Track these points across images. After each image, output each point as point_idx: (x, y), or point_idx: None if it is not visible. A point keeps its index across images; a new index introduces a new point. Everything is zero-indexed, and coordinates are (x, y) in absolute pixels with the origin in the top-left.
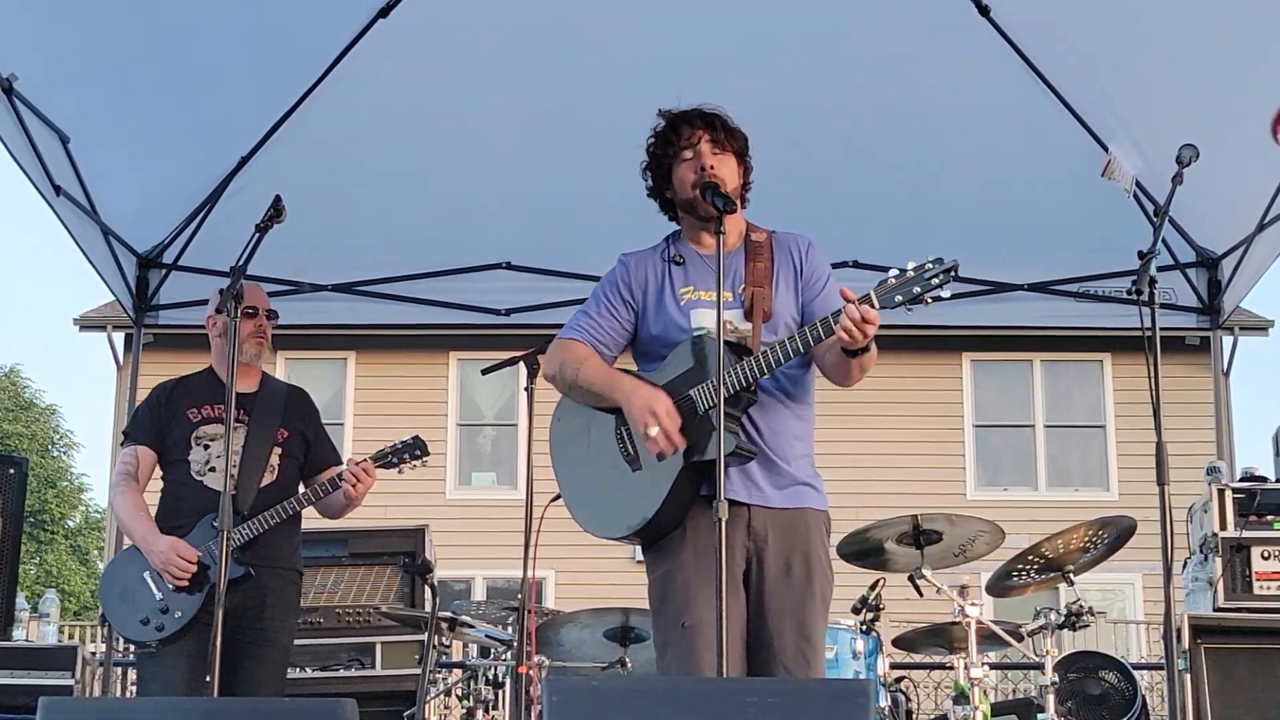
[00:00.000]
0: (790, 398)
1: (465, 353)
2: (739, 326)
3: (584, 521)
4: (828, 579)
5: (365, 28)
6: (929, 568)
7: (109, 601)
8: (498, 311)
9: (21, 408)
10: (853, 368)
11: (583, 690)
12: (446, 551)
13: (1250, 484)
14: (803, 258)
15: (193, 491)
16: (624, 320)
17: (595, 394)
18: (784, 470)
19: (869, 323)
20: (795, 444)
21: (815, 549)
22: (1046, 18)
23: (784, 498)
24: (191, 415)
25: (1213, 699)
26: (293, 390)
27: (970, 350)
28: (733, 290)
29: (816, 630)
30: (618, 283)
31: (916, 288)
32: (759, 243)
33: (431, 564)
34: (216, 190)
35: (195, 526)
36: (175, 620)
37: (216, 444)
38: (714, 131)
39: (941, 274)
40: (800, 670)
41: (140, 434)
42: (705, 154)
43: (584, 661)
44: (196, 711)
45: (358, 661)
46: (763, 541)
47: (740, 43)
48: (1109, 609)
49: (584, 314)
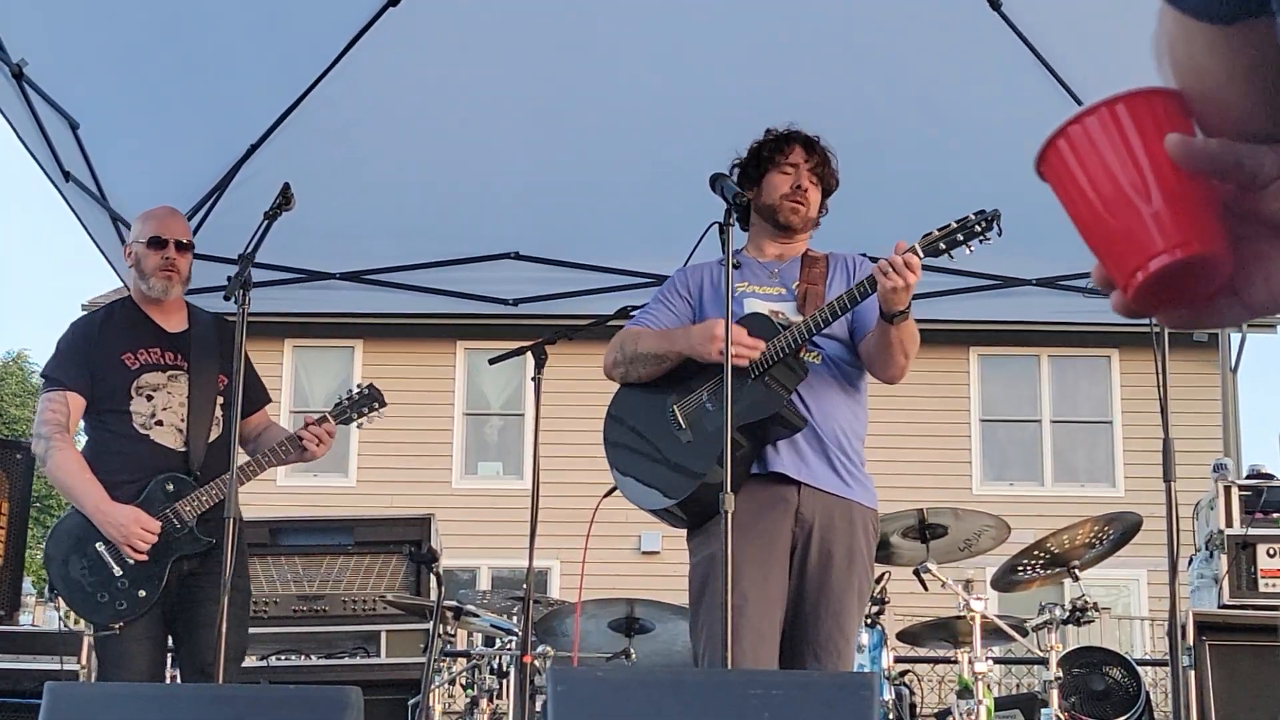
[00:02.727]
0: (844, 390)
1: (473, 342)
2: (791, 318)
3: (634, 495)
4: (868, 575)
5: (375, 16)
6: (934, 562)
7: (60, 577)
8: (505, 301)
9: (29, 393)
10: (893, 341)
11: (587, 680)
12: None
13: (1257, 481)
14: (856, 266)
15: (136, 446)
16: (681, 315)
17: (655, 355)
18: (834, 453)
19: (909, 268)
20: (849, 435)
21: (859, 543)
22: (1058, 12)
23: (834, 483)
24: (128, 361)
25: (1217, 696)
26: (219, 325)
27: (977, 344)
28: (787, 287)
29: (851, 622)
30: (675, 283)
31: (960, 235)
32: (816, 257)
33: (437, 553)
34: (225, 177)
35: (147, 488)
36: (139, 599)
37: (159, 395)
38: (821, 165)
39: (985, 222)
40: (830, 659)
41: (69, 378)
42: (804, 176)
43: (588, 652)
44: (202, 697)
45: (363, 650)
46: (809, 528)
47: (751, 37)
48: (1114, 605)
49: (643, 312)
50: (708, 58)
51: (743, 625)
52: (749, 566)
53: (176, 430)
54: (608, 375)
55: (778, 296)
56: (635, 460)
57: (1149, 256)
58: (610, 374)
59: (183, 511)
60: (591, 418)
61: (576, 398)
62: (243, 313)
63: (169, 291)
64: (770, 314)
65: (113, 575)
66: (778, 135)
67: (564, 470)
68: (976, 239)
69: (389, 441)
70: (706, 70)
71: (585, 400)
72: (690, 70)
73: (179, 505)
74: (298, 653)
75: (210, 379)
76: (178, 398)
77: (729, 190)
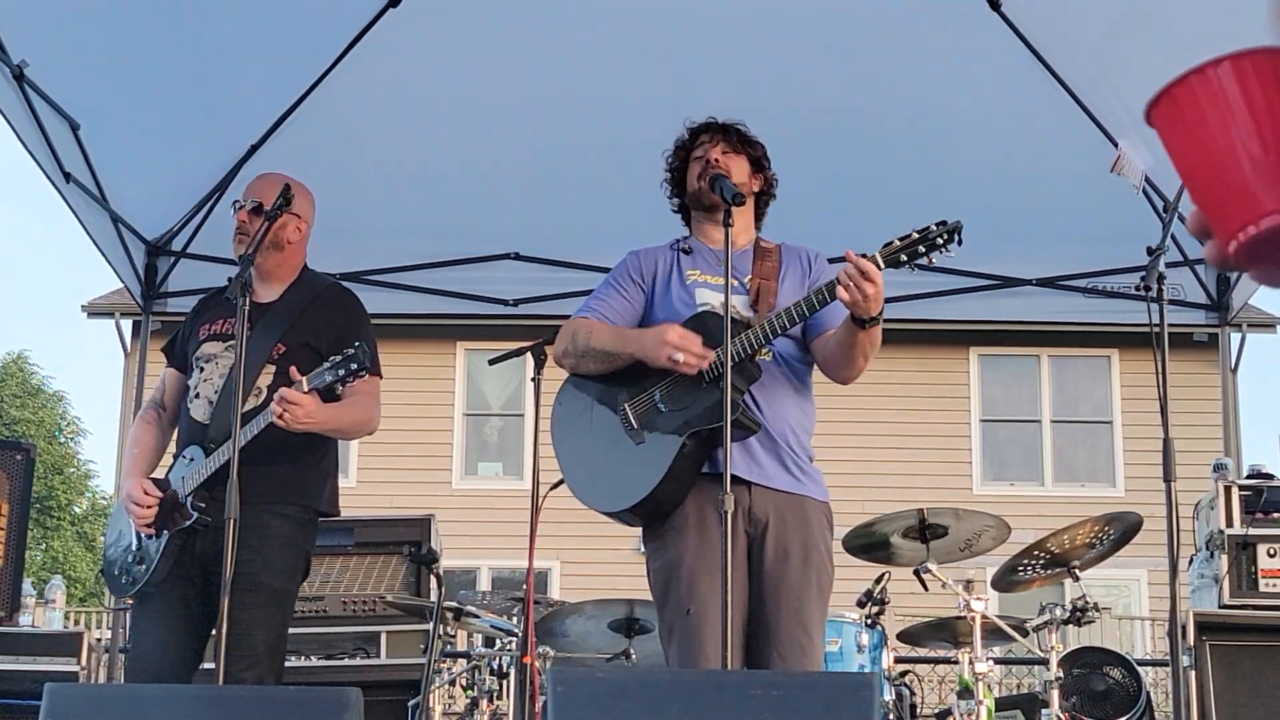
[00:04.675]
0: (794, 388)
1: (472, 343)
2: (744, 313)
3: (586, 496)
4: (826, 570)
5: (375, 17)
6: (934, 562)
7: (105, 554)
8: (505, 302)
9: (29, 394)
10: (858, 344)
11: (587, 681)
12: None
13: (1257, 481)
14: (811, 262)
15: (184, 420)
16: (634, 301)
17: (607, 353)
18: (785, 452)
19: (867, 277)
20: (799, 432)
21: (814, 538)
22: (1057, 13)
23: (786, 480)
24: (201, 332)
25: (1217, 696)
26: (327, 293)
27: (977, 344)
28: (739, 280)
29: (813, 620)
30: (627, 269)
31: (921, 245)
32: (768, 248)
33: (437, 554)
34: (226, 178)
35: (177, 459)
36: (142, 573)
37: (209, 366)
38: (727, 136)
39: (946, 234)
40: (795, 658)
41: (172, 355)
42: (713, 150)
43: (589, 652)
44: (202, 698)
45: (363, 650)
46: (762, 526)
47: (750, 37)
48: (1114, 605)
49: (593, 298)
50: (706, 58)
51: (703, 630)
52: (706, 573)
53: (208, 402)
54: (557, 363)
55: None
56: (585, 461)
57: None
58: (559, 362)
59: (185, 485)
60: None
61: None
62: (243, 314)
63: (239, 255)
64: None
65: (130, 550)
66: (679, 142)
67: None
68: (937, 250)
69: (389, 442)
70: (705, 70)
71: None
72: (688, 70)
73: (187, 476)
74: (297, 653)
75: (263, 348)
76: (220, 369)
77: (727, 190)
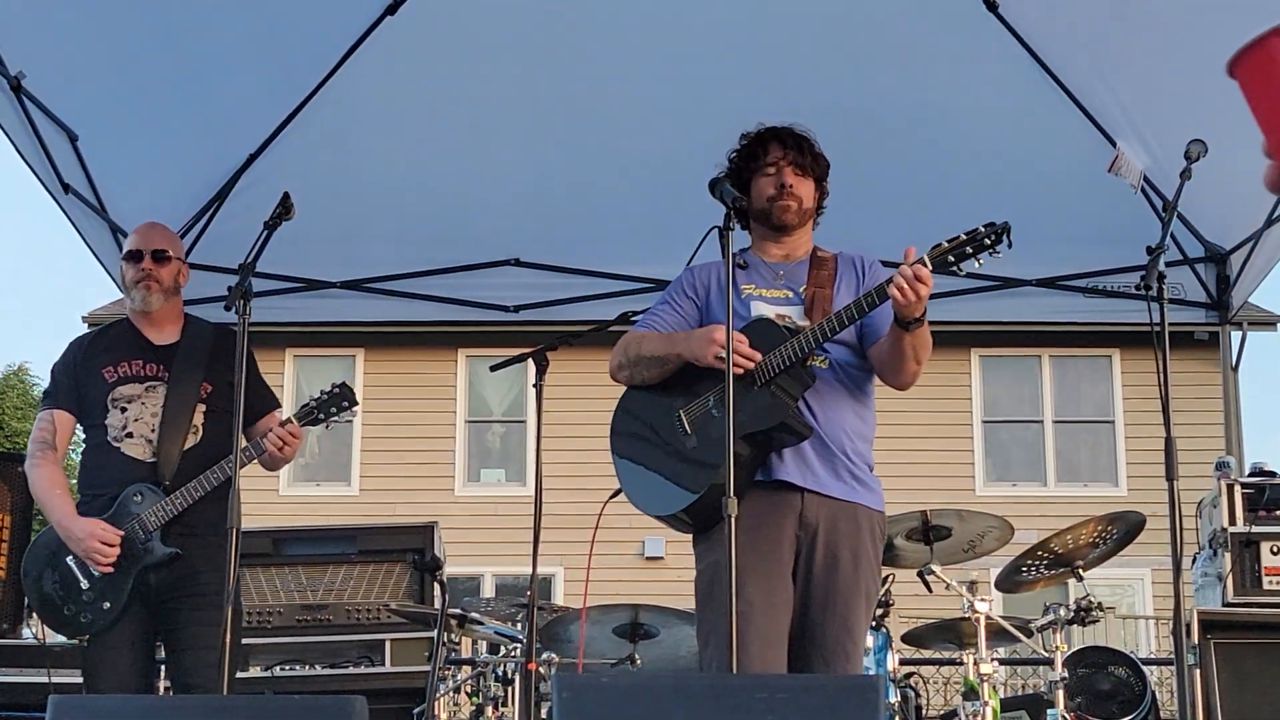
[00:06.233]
0: (851, 395)
1: (474, 349)
2: (798, 322)
3: (640, 502)
4: (874, 578)
5: (373, 25)
6: (938, 563)
7: (35, 591)
8: (506, 308)
9: (29, 406)
10: (906, 348)
11: (592, 686)
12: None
13: (1259, 479)
14: (865, 268)
15: (109, 458)
16: (688, 316)
17: (657, 358)
18: (840, 460)
19: (921, 281)
20: (855, 439)
21: (865, 546)
22: (1054, 13)
23: (839, 487)
24: (107, 375)
25: (1222, 694)
26: (220, 334)
27: (979, 345)
28: (794, 290)
29: (858, 625)
30: (683, 284)
31: (969, 248)
32: (824, 257)
33: (441, 561)
34: (224, 188)
35: (117, 500)
36: (104, 612)
37: (133, 406)
38: (800, 157)
39: (994, 235)
40: (839, 663)
41: (58, 396)
42: (787, 173)
43: (593, 658)
44: (207, 707)
45: (367, 658)
46: (813, 532)
47: (749, 39)
48: (1118, 604)
49: (648, 314)
50: (705, 62)
51: (749, 631)
52: (754, 574)
53: (146, 441)
54: (613, 378)
55: (784, 299)
56: (641, 466)
57: None
58: (615, 376)
59: (147, 521)
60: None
61: (578, 404)
62: (243, 322)
63: (149, 303)
64: (776, 318)
65: (80, 588)
66: (752, 138)
67: (567, 476)
68: (985, 252)
69: (391, 449)
70: (704, 75)
71: (587, 406)
72: (688, 75)
73: (143, 515)
74: (302, 662)
75: (190, 388)
76: (150, 409)
77: (728, 195)
